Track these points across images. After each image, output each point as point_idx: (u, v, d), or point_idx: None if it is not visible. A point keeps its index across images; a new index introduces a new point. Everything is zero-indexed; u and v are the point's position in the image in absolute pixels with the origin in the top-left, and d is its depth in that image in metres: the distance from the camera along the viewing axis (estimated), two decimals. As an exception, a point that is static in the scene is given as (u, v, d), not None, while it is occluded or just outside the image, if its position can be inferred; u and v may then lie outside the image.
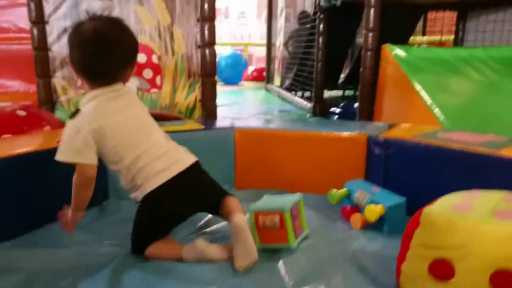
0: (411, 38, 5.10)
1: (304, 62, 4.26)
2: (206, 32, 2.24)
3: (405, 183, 1.36)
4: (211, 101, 2.37)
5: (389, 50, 2.30)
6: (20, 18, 2.60)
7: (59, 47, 2.14)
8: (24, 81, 2.55)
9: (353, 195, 1.31)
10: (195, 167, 1.15)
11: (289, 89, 4.89)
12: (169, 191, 1.09)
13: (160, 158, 1.10)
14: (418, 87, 2.08)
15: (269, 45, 5.92)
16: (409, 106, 2.17)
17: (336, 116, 3.24)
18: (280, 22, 5.45)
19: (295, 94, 4.58)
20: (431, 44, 6.31)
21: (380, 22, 2.44)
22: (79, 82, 2.20)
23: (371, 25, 2.41)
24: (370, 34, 2.44)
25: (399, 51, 2.28)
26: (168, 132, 1.27)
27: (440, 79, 2.14)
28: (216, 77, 2.36)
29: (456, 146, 1.25)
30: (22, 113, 1.58)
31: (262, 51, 6.77)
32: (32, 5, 2.05)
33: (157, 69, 2.26)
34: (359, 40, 4.08)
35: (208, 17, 2.22)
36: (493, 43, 2.76)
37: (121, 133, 1.07)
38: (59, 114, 2.21)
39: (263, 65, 6.52)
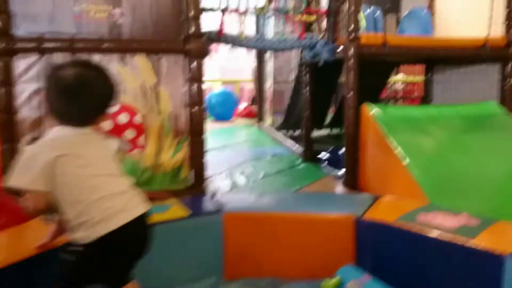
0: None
1: (293, 106, 4.43)
2: (194, 91, 2.21)
3: (392, 267, 1.38)
4: (199, 160, 2.29)
5: (368, 109, 2.42)
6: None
7: (29, 110, 2.03)
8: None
9: (345, 285, 1.32)
10: (146, 216, 1.09)
11: (279, 128, 5.03)
12: (124, 236, 1.03)
13: (121, 196, 1.05)
14: (395, 146, 2.18)
15: (260, 86, 5.99)
16: (388, 165, 2.26)
17: (325, 163, 3.35)
18: (269, 66, 5.56)
19: (286, 133, 4.72)
20: (404, 83, 6.41)
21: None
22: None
23: (350, 86, 2.55)
24: (351, 94, 2.57)
25: (377, 111, 2.40)
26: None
27: (415, 138, 2.27)
28: (207, 113, 2.30)
29: (434, 234, 1.30)
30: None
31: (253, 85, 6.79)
32: (0, 65, 1.92)
33: (140, 129, 2.22)
34: (343, 79, 4.31)
35: (196, 78, 2.19)
36: (458, 100, 3.03)
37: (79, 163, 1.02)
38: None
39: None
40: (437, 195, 1.89)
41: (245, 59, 8.42)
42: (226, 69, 8.62)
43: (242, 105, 6.97)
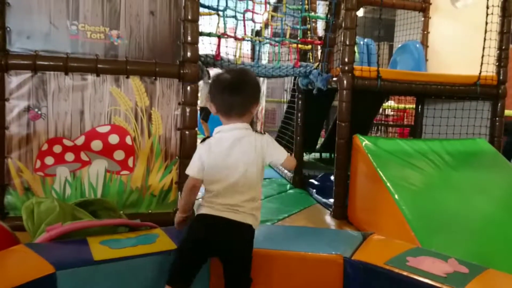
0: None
1: (285, 130, 4.46)
2: (188, 115, 2.21)
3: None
4: None
5: (359, 141, 2.44)
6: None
7: (19, 126, 1.99)
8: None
9: None
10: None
11: None
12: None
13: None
14: (385, 180, 2.19)
15: None
16: (377, 199, 2.26)
17: (314, 191, 3.33)
18: (262, 88, 5.59)
19: None
20: (397, 111, 6.54)
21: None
22: (38, 163, 1.98)
23: (343, 117, 2.58)
24: (343, 124, 2.61)
25: (368, 143, 2.43)
26: (137, 255, 1.29)
27: (404, 173, 2.29)
28: (198, 131, 2.30)
29: (424, 280, 1.29)
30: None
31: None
32: None
33: (130, 151, 2.19)
34: (335, 102, 4.32)
35: (190, 102, 2.20)
36: (448, 133, 3.10)
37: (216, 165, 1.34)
38: (10, 198, 1.98)
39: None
40: (424, 233, 1.90)
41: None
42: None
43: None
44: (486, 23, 2.76)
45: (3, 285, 1.14)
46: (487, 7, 2.74)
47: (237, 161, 1.32)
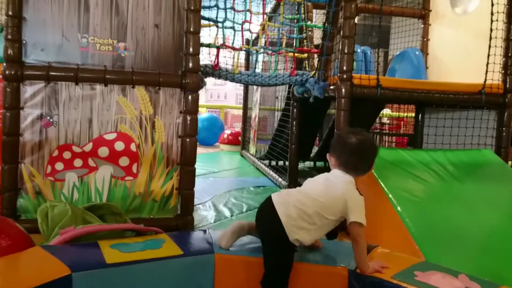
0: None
1: (279, 138, 4.69)
2: (188, 123, 2.46)
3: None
4: (189, 190, 2.51)
5: None
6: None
7: (32, 133, 2.24)
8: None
9: None
10: None
11: (263, 158, 5.30)
12: None
13: None
14: (387, 191, 2.24)
15: (245, 114, 6.42)
16: (379, 210, 2.26)
17: None
18: (256, 96, 5.90)
19: (269, 164, 4.95)
20: (393, 119, 6.72)
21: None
22: (49, 168, 2.23)
23: (341, 125, 2.72)
24: None
25: None
26: (144, 260, 1.42)
27: (407, 185, 2.33)
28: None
29: None
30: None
31: (238, 110, 7.06)
32: (8, 91, 2.16)
33: (134, 157, 2.41)
34: (331, 111, 4.58)
35: (191, 110, 2.45)
36: (450, 144, 3.17)
37: None
38: (22, 201, 2.22)
39: (237, 122, 6.90)
40: (430, 246, 1.94)
41: (231, 86, 8.79)
42: (212, 95, 8.95)
43: (227, 132, 7.34)
44: (491, 30, 2.76)
45: (22, 285, 1.28)
46: (492, 14, 2.75)
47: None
